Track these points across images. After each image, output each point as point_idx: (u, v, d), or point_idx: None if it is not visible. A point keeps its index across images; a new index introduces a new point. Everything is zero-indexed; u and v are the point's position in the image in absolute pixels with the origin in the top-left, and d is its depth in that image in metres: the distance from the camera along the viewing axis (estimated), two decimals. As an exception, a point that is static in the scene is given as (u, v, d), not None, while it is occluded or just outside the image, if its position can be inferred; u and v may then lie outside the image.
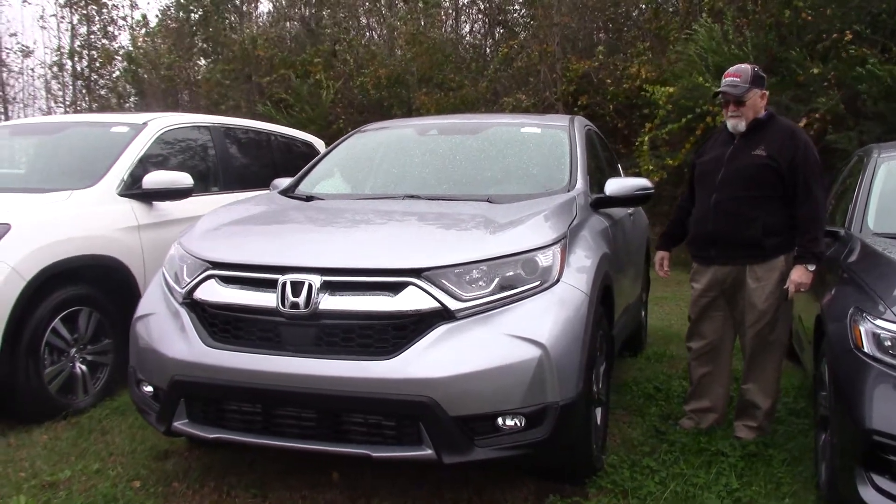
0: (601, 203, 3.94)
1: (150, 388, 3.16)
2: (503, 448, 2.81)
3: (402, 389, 2.72)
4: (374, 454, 2.77)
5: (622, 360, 5.51)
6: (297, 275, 2.88)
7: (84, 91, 20.48)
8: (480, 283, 2.89)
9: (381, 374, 2.73)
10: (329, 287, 2.87)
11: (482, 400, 2.76)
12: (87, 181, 4.79)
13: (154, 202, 5.02)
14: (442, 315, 2.80)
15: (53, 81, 20.71)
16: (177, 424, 3.04)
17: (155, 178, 4.94)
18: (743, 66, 3.86)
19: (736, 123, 3.75)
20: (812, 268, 3.52)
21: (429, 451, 2.75)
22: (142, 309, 3.33)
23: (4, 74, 20.00)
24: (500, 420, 2.80)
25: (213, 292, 3.04)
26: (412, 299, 2.80)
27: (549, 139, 4.36)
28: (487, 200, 3.57)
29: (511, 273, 2.95)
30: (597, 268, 3.25)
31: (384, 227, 3.29)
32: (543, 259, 3.02)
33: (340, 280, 2.87)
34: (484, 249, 2.95)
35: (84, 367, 4.42)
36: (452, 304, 2.80)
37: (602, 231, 3.75)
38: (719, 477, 3.29)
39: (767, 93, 3.82)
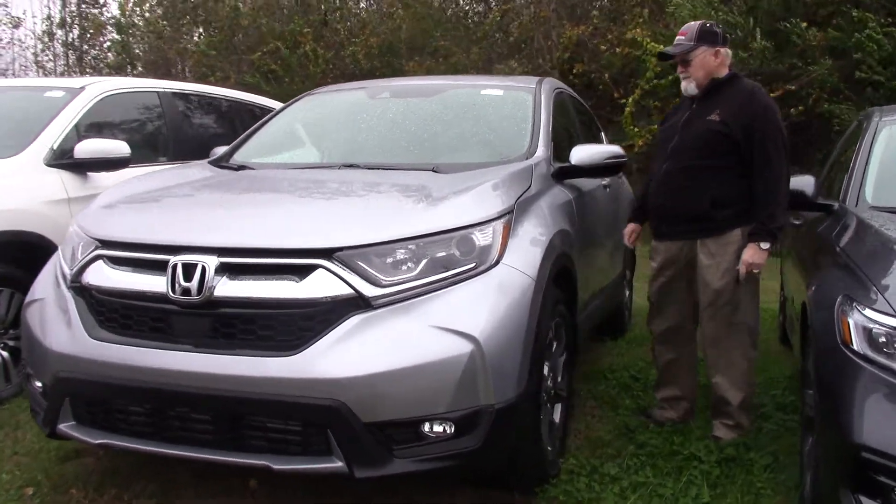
0: (566, 173, 3.50)
1: (39, 384, 2.76)
2: (429, 459, 2.40)
3: (306, 391, 2.31)
4: (275, 466, 2.36)
5: (601, 345, 5.09)
6: (190, 255, 2.47)
7: (76, 62, 20.00)
8: (407, 265, 2.47)
9: (281, 374, 2.32)
10: (227, 270, 2.45)
11: (401, 403, 2.35)
12: (9, 150, 4.38)
13: (88, 173, 4.58)
14: (356, 303, 2.38)
15: (43, 53, 20.31)
16: (62, 426, 2.64)
17: (88, 147, 4.51)
18: (692, 23, 3.49)
19: (686, 85, 3.40)
20: (766, 246, 3.16)
21: (339, 464, 2.34)
22: (32, 293, 2.92)
23: (-6, 45, 19.55)
24: (424, 427, 2.39)
25: (101, 275, 2.63)
26: (321, 285, 2.38)
27: (511, 102, 3.90)
28: (432, 170, 3.13)
29: (443, 253, 2.52)
30: (547, 247, 2.81)
31: (302, 201, 2.86)
32: (481, 237, 2.59)
33: (240, 262, 2.45)
34: (412, 226, 2.52)
35: (5, 354, 4.03)
36: (368, 291, 2.38)
37: (563, 205, 3.31)
38: (689, 487, 2.87)
39: (725, 51, 3.39)
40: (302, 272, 2.40)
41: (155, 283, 2.49)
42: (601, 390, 4.16)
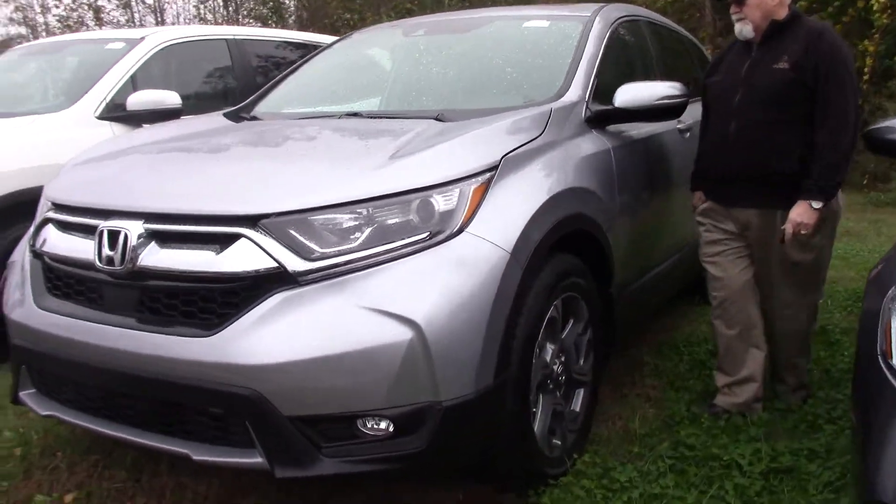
0: (607, 117, 2.95)
1: None
2: (363, 460, 2.06)
3: (221, 377, 2.02)
4: (195, 456, 2.11)
5: (687, 311, 4.47)
6: (117, 221, 2.23)
7: (233, 12, 20.79)
8: (354, 234, 2.09)
9: (199, 357, 2.04)
10: (155, 237, 2.19)
11: (330, 396, 2.01)
12: (62, 104, 4.39)
13: (143, 125, 4.52)
14: (280, 280, 2.04)
15: (203, 5, 21.30)
16: (21, 394, 2.54)
17: (139, 99, 4.42)
18: None
19: (740, 28, 2.95)
20: (818, 205, 2.71)
21: (259, 460, 2.05)
22: (12, 255, 2.83)
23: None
24: (359, 424, 2.05)
25: (49, 239, 2.46)
26: (242, 257, 2.06)
27: (555, 35, 3.35)
28: (435, 118, 2.69)
29: (396, 220, 2.12)
30: (540, 211, 2.32)
31: (250, 159, 2.51)
32: (442, 201, 2.16)
33: (164, 229, 2.18)
34: (360, 187, 2.13)
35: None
36: (293, 265, 2.03)
37: (591, 157, 2.77)
38: (715, 504, 2.35)
39: None
40: (223, 242, 2.09)
41: (87, 250, 2.28)
42: (669, 367, 3.62)
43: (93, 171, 2.64)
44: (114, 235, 2.20)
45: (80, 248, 2.32)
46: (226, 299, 2.07)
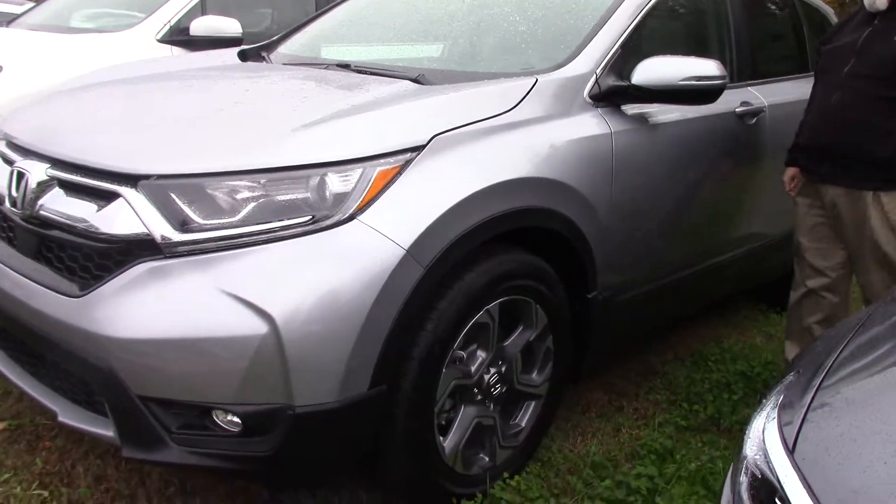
0: (619, 95, 2.53)
1: None
2: (212, 455, 1.91)
3: (80, 344, 1.92)
4: (61, 418, 2.04)
5: (745, 318, 3.95)
6: (28, 161, 2.15)
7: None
8: (237, 208, 1.89)
9: (64, 317, 1.95)
10: (59, 185, 2.09)
11: (182, 382, 1.85)
12: (127, 23, 4.43)
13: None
14: (149, 248, 1.89)
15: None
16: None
17: (203, 24, 4.42)
18: None
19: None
20: None
21: (111, 434, 1.95)
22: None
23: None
24: (213, 415, 1.89)
25: (-6, 173, 2.44)
26: (116, 217, 1.92)
27: (594, -9, 2.91)
28: (414, 79, 2.41)
29: (288, 197, 1.89)
30: (464, 204, 2.00)
31: (183, 110, 2.30)
32: (337, 181, 1.90)
33: (63, 177, 2.07)
34: (256, 156, 1.92)
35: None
36: (164, 233, 1.86)
37: (576, 142, 2.38)
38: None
39: None
40: (105, 199, 1.96)
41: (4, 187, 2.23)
42: (683, 383, 3.20)
43: (47, 104, 2.58)
44: (21, 176, 2.13)
45: (3, 183, 2.27)
46: (102, 261, 1.95)
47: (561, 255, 2.41)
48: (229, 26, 4.40)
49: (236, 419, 1.86)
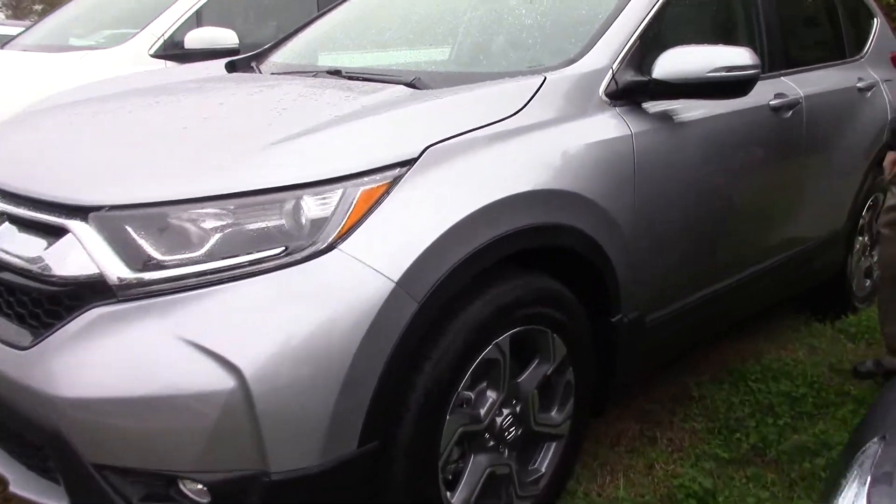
0: (640, 92, 2.25)
1: None
2: (180, 528, 1.65)
3: (27, 404, 1.67)
4: (12, 487, 1.79)
5: (787, 328, 3.63)
6: (-18, 194, 1.91)
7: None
8: (201, 241, 1.64)
9: (11, 372, 1.70)
10: (8, 220, 1.85)
11: (139, 447, 1.60)
12: (118, 39, 4.23)
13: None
14: (101, 290, 1.63)
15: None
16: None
17: (198, 36, 4.21)
18: None
19: None
20: None
21: (64, 505, 1.70)
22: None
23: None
24: (179, 485, 1.63)
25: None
26: (65, 256, 1.67)
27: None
28: (409, 83, 2.15)
29: (258, 225, 1.64)
30: (466, 223, 1.73)
31: (150, 129, 2.04)
32: (313, 205, 1.64)
33: (11, 211, 1.83)
34: (223, 179, 1.66)
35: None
36: (117, 273, 1.61)
37: (592, 147, 2.10)
38: None
39: None
40: (54, 235, 1.71)
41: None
42: (722, 407, 2.88)
43: (13, 125, 2.35)
44: (-24, 211, 1.89)
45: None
46: (52, 307, 1.70)
47: (580, 275, 2.13)
48: (225, 38, 4.18)
49: (204, 489, 1.60)
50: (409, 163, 1.72)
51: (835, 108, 3.28)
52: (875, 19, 4.02)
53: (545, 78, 2.08)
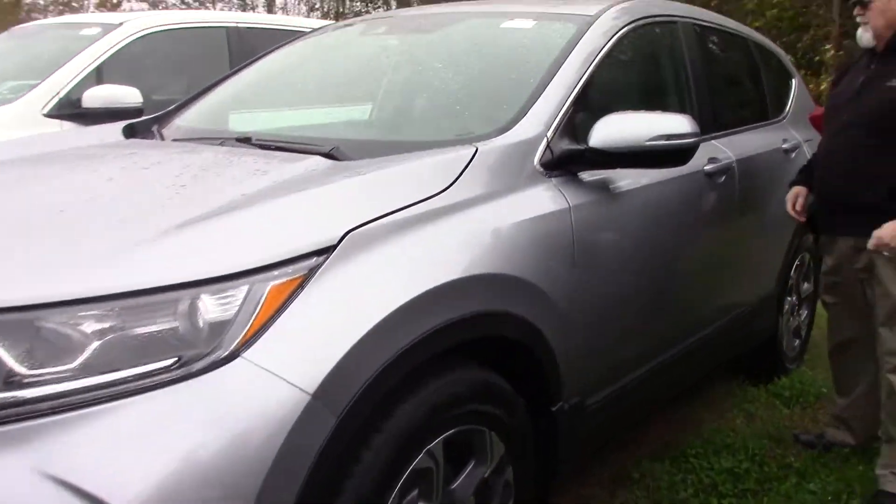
0: (575, 161, 2.10)
1: None
2: None
3: None
4: None
5: (722, 393, 3.53)
6: None
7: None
8: (74, 352, 1.37)
9: None
10: None
11: None
12: (8, 97, 3.89)
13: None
14: (-51, 415, 1.34)
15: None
16: None
17: (97, 94, 3.90)
18: None
19: (861, 34, 2.68)
20: None
21: None
22: None
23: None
24: None
25: None
26: None
27: (536, 41, 2.52)
28: (327, 153, 1.94)
29: (146, 330, 1.38)
30: (392, 319, 1.52)
31: (23, 216, 1.77)
32: (214, 305, 1.39)
33: None
34: (103, 276, 1.41)
35: None
36: (-31, 396, 1.33)
37: (529, 224, 1.93)
38: None
39: None
40: None
41: None
42: (664, 487, 2.71)
43: None
44: None
45: None
46: None
47: (517, 363, 1.94)
48: (127, 96, 3.90)
49: None
50: (326, 251, 1.51)
51: (764, 170, 3.24)
52: (793, 80, 4.08)
53: (476, 148, 1.91)
